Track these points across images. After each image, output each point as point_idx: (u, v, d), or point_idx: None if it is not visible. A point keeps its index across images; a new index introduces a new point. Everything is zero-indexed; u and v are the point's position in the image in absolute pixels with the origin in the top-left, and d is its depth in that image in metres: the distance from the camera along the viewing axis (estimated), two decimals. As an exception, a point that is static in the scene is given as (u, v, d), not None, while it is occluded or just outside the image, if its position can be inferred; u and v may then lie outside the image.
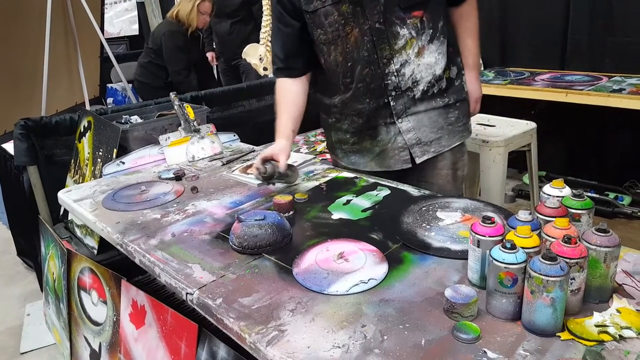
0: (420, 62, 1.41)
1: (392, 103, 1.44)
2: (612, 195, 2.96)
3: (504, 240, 0.85)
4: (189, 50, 3.37)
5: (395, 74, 1.41)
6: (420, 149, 1.49)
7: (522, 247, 0.84)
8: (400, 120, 1.46)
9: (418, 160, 1.50)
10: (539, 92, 2.73)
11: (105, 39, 3.83)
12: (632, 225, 2.84)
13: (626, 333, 0.81)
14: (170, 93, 2.00)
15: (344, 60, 1.41)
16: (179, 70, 3.31)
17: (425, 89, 1.44)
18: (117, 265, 1.64)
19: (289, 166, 1.45)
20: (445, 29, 1.44)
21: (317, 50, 1.45)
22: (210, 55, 4.14)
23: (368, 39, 1.37)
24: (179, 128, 1.93)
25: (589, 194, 2.91)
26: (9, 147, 2.42)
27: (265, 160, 1.41)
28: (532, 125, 2.47)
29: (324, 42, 1.40)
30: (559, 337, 0.81)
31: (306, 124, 3.09)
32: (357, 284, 0.98)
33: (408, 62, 1.40)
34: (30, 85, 3.30)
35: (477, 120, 2.56)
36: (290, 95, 1.51)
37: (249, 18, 3.95)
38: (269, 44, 3.53)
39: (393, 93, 1.43)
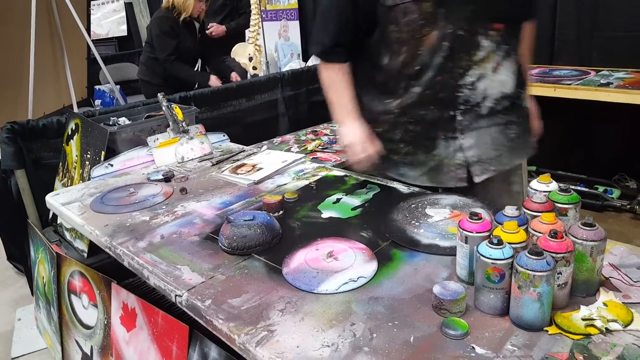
0: (494, 78, 1.30)
1: (458, 117, 1.31)
2: (601, 189, 2.99)
3: (491, 236, 0.85)
4: (177, 36, 3.31)
5: (470, 86, 1.29)
6: (481, 167, 1.35)
7: (509, 243, 0.85)
8: (463, 136, 1.33)
9: (477, 180, 1.35)
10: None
11: (94, 40, 3.81)
12: (622, 219, 2.87)
13: (613, 326, 0.81)
14: (158, 94, 1.99)
15: (413, 62, 1.28)
16: (166, 56, 3.25)
17: (492, 105, 1.32)
18: (107, 268, 1.63)
19: None
20: (517, 48, 1.36)
21: (382, 48, 1.32)
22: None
23: (447, 44, 1.25)
24: (168, 129, 1.92)
25: (579, 188, 2.94)
26: (-4, 151, 2.40)
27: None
28: (521, 120, 2.47)
29: (396, 41, 1.28)
30: (547, 331, 0.81)
31: (299, 122, 3.11)
32: (346, 283, 0.98)
33: (484, 77, 1.29)
34: (17, 88, 3.27)
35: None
36: (346, 78, 1.40)
37: (233, 13, 3.94)
38: (258, 43, 3.52)
39: (462, 107, 1.31)
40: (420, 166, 1.39)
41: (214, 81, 3.32)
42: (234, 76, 3.43)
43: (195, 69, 3.78)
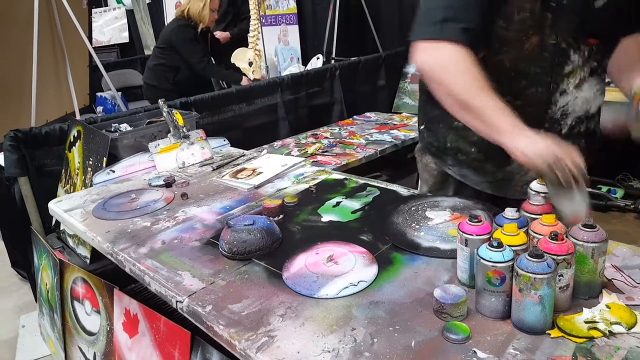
0: (578, 94, 1.18)
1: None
2: (604, 189, 2.97)
3: (491, 239, 0.85)
4: (199, 42, 3.41)
5: (552, 101, 1.19)
6: None
7: (509, 245, 0.84)
8: None
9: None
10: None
11: (96, 47, 3.83)
12: (626, 219, 2.85)
13: (616, 328, 0.81)
14: (159, 100, 1.99)
15: (509, 67, 1.14)
16: (199, 59, 3.34)
17: (574, 124, 1.21)
18: (110, 274, 1.63)
19: None
20: (606, 65, 1.23)
21: (480, 42, 1.13)
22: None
23: (548, 55, 1.12)
24: (169, 135, 1.92)
25: (582, 188, 2.92)
26: (-1, 158, 2.41)
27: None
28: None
29: (500, 38, 1.13)
30: (549, 334, 0.81)
31: (299, 126, 3.12)
32: (346, 287, 0.97)
33: (566, 92, 1.17)
34: (19, 96, 3.29)
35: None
36: (477, 65, 1.09)
37: (236, 19, 4.01)
38: (257, 47, 3.54)
39: (547, 124, 1.18)
40: (486, 175, 1.29)
41: (245, 81, 3.42)
42: (245, 80, 3.51)
43: None
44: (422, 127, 1.40)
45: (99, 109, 4.86)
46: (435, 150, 1.37)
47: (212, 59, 3.77)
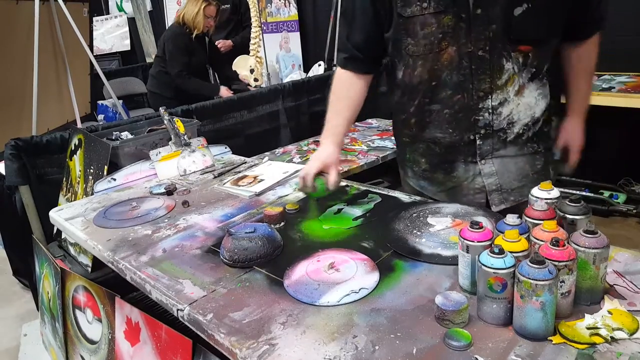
0: (520, 101, 1.22)
1: (478, 142, 1.25)
2: (606, 194, 2.96)
3: (492, 245, 0.85)
4: (191, 52, 3.41)
5: (491, 110, 1.22)
6: (499, 197, 1.30)
7: (511, 252, 0.84)
8: (483, 161, 1.27)
9: (495, 209, 1.30)
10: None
11: (97, 55, 3.85)
12: (628, 223, 2.85)
13: (618, 334, 0.80)
14: (160, 108, 2.00)
15: (429, 78, 1.23)
16: (178, 72, 3.35)
17: (521, 131, 1.25)
18: (112, 282, 1.63)
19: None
20: (550, 71, 1.25)
21: (399, 61, 1.29)
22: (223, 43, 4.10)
23: (467, 64, 1.19)
24: (170, 142, 1.93)
25: (584, 193, 2.92)
26: (0, 167, 2.42)
27: (317, 174, 1.36)
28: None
29: (412, 54, 1.23)
30: (551, 341, 0.80)
31: (300, 133, 3.12)
32: (348, 294, 0.97)
33: (507, 101, 1.22)
34: (20, 105, 3.31)
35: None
36: (353, 91, 1.39)
37: (238, 26, 4.03)
38: (259, 55, 3.55)
39: (482, 131, 1.24)
40: (439, 185, 1.37)
41: (224, 92, 3.40)
42: (224, 90, 3.46)
43: (210, 77, 3.87)
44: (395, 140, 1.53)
45: (100, 117, 4.87)
46: (400, 162, 1.48)
47: (211, 65, 3.77)
